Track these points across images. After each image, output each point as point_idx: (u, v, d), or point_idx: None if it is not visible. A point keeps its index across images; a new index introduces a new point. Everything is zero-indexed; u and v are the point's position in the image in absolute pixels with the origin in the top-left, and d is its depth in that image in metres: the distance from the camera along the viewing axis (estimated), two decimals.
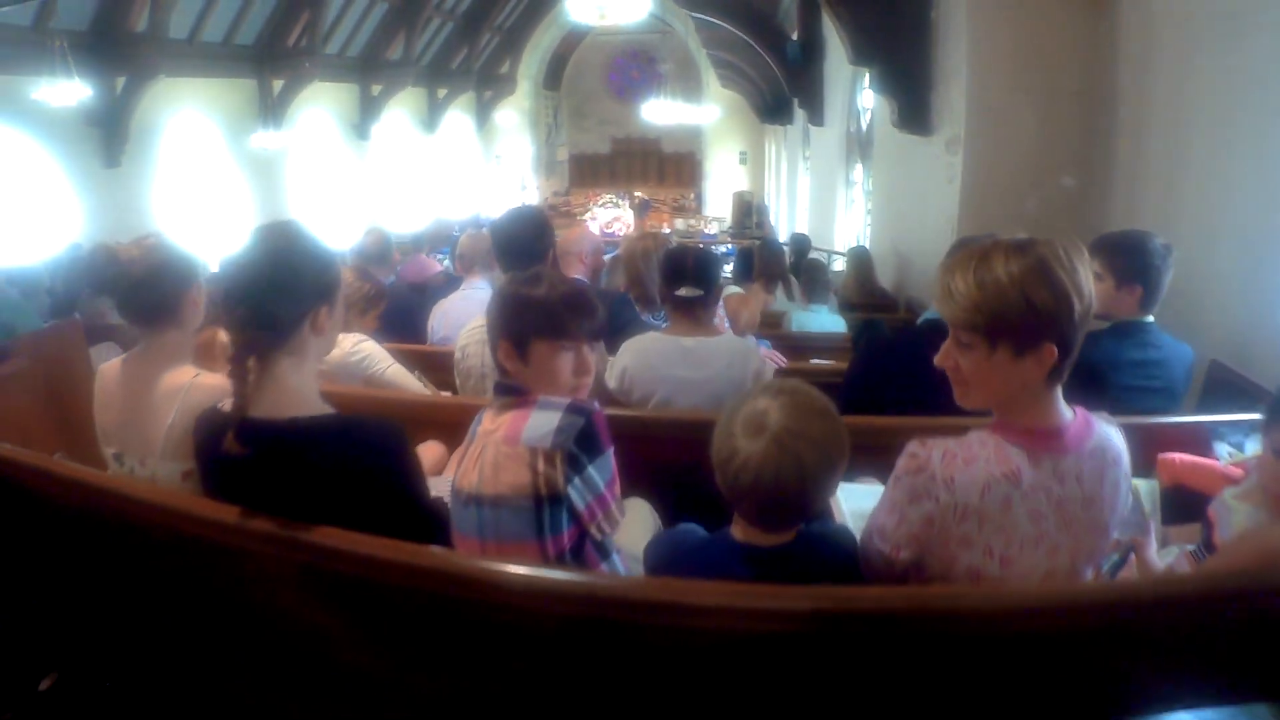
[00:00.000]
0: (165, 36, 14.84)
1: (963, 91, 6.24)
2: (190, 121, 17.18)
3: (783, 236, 18.95)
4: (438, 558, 1.83)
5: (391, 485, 1.99)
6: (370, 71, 21.71)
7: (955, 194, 6.45)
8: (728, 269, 8.27)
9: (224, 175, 18.18)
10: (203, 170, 17.59)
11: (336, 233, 19.60)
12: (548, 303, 2.07)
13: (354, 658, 1.98)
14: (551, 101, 32.11)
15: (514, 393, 2.06)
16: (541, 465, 1.90)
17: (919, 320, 3.55)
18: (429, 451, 3.05)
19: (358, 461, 1.92)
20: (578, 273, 4.47)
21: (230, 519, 1.92)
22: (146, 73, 14.74)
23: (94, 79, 13.39)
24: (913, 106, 7.24)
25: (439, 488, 2.39)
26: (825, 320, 6.69)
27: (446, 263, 15.54)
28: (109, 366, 2.46)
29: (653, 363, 3.20)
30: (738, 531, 1.89)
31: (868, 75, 8.27)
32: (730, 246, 16.74)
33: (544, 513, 1.92)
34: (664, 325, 3.59)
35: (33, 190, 14.03)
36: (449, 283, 6.06)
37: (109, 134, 14.99)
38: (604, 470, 1.99)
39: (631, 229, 23.90)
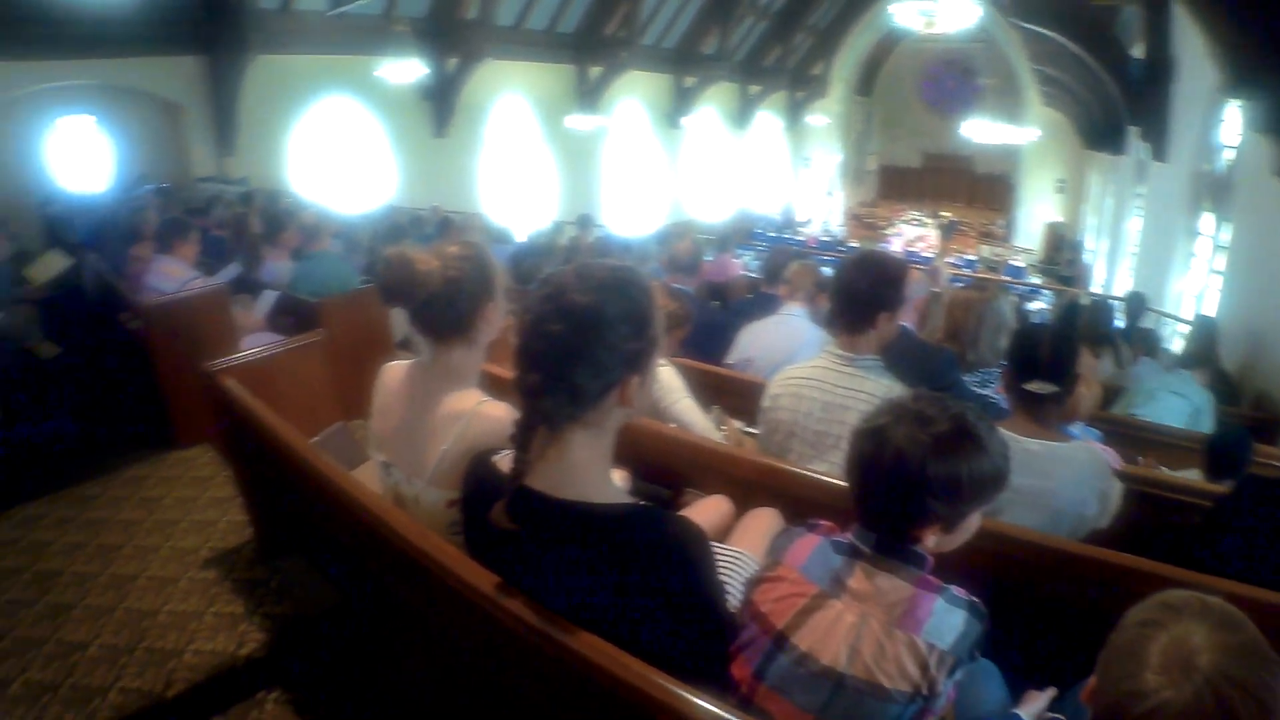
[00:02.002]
0: (493, 23, 16.25)
1: None
2: (512, 101, 18.54)
3: (1097, 281, 17.17)
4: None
5: (680, 597, 1.61)
6: (684, 63, 22.05)
7: None
8: None
9: (539, 154, 19.40)
10: (520, 147, 18.92)
11: (643, 219, 20.73)
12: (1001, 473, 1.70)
13: None
14: (864, 107, 30.74)
15: (912, 561, 1.68)
16: (934, 667, 1.58)
17: None
18: (714, 509, 2.62)
19: (648, 565, 1.58)
20: (909, 320, 3.98)
21: (485, 588, 1.74)
22: (475, 55, 16.19)
23: (429, 59, 14.93)
24: None
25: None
26: (1189, 395, 5.27)
27: (748, 258, 16.13)
28: (393, 369, 2.33)
29: None
30: None
31: (1238, 107, 6.90)
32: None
33: (908, 711, 1.59)
34: (990, 394, 3.15)
35: (366, 154, 16.10)
36: (756, 297, 5.76)
37: (439, 108, 16.83)
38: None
39: (937, 250, 22.83)
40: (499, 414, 2.05)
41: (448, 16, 15.52)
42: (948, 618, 1.60)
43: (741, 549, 2.26)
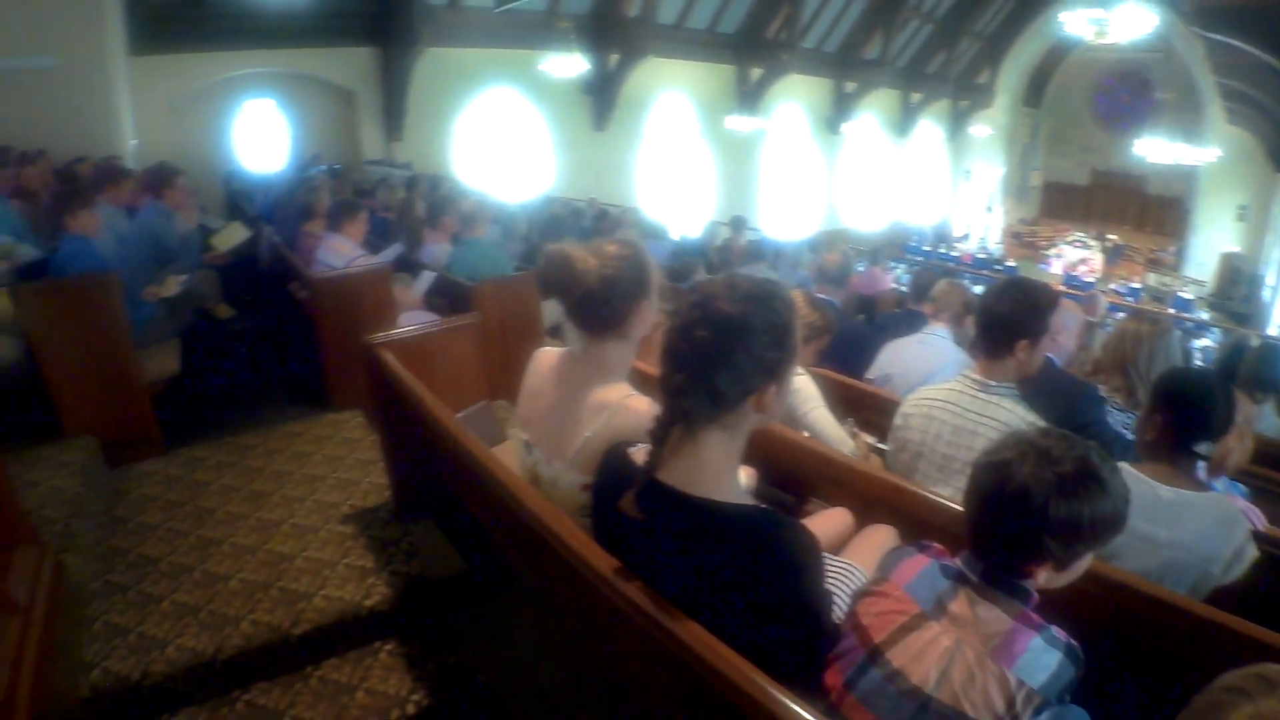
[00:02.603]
0: (655, 21, 16.48)
1: None
2: (672, 99, 18.81)
3: (1276, 322, 16.08)
4: None
5: (784, 601, 1.67)
6: (845, 68, 21.80)
7: None
8: None
9: (697, 153, 19.59)
10: (678, 145, 19.18)
11: (797, 224, 20.62)
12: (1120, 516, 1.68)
13: None
14: (1030, 119, 29.31)
15: (1017, 596, 1.67)
16: (1020, 704, 1.56)
17: None
18: (835, 520, 2.61)
19: (760, 567, 1.64)
20: (1054, 351, 3.81)
21: (605, 571, 1.81)
22: (637, 52, 16.50)
23: (591, 55, 15.59)
24: None
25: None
26: None
27: (899, 271, 15.87)
28: (546, 355, 2.42)
29: None
30: None
31: None
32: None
33: None
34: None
35: (526, 145, 16.72)
36: (902, 313, 5.66)
37: (600, 103, 17.35)
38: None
39: (1098, 274, 21.67)
40: (643, 408, 2.11)
41: (610, 13, 15.84)
42: (1043, 657, 1.59)
43: (854, 562, 2.26)
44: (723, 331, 1.62)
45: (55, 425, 4.25)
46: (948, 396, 2.91)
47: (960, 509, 1.80)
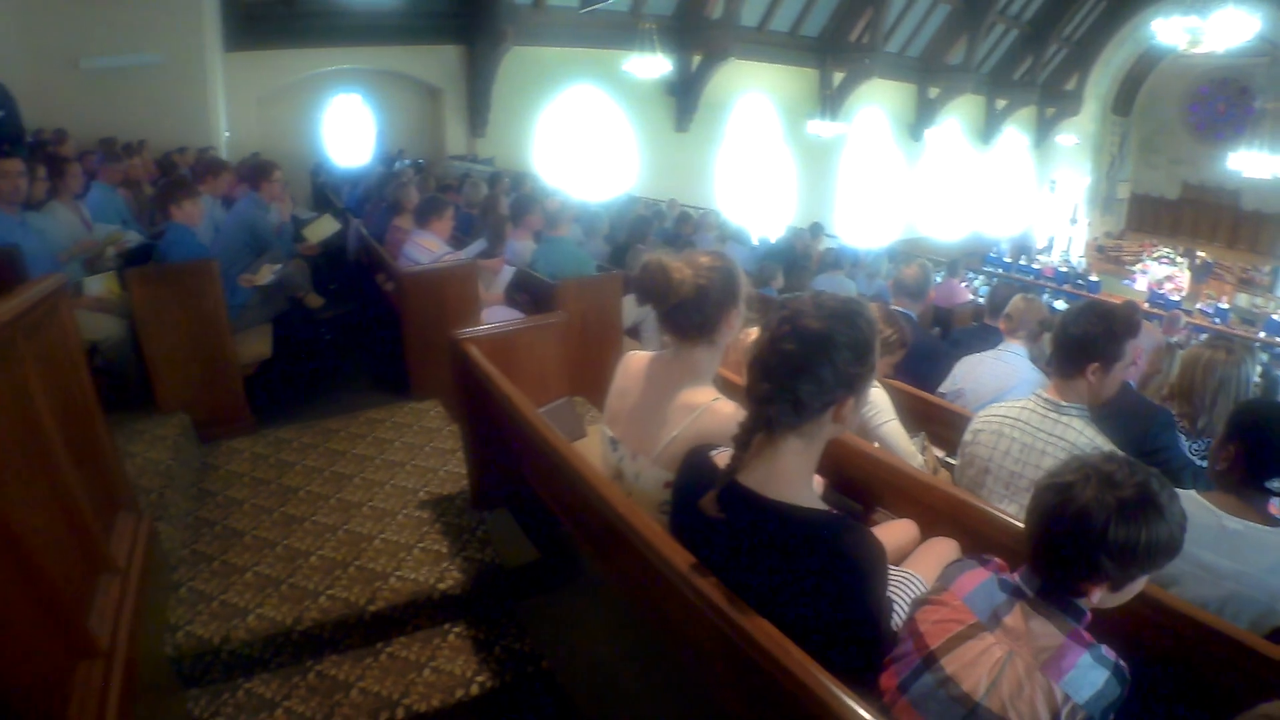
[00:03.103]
0: (737, 23, 16.51)
1: None
2: (753, 102, 18.79)
3: None
4: None
5: (847, 603, 1.75)
6: (929, 73, 21.54)
7: None
8: None
9: (778, 156, 19.55)
10: (759, 147, 19.15)
11: (876, 231, 20.42)
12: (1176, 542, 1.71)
13: None
14: (1119, 128, 28.23)
15: (1070, 613, 1.72)
16: (1064, 718, 1.60)
17: None
18: (900, 531, 2.64)
19: (827, 569, 1.73)
20: (1129, 375, 3.74)
21: (681, 565, 1.89)
22: (719, 54, 16.49)
23: (674, 56, 15.68)
24: None
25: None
26: None
27: (977, 283, 15.61)
28: (636, 357, 2.52)
29: None
30: None
31: None
32: None
33: None
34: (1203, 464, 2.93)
35: (608, 144, 16.99)
36: (978, 328, 5.60)
37: (682, 103, 17.44)
38: None
39: (1184, 293, 20.83)
40: (728, 412, 2.20)
41: (693, 15, 15.92)
42: (1090, 673, 1.62)
43: (916, 573, 2.31)
44: (808, 346, 1.72)
45: (152, 400, 4.50)
46: (1018, 415, 2.91)
47: (1023, 526, 1.84)
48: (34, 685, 1.88)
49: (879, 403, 3.45)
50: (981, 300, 9.29)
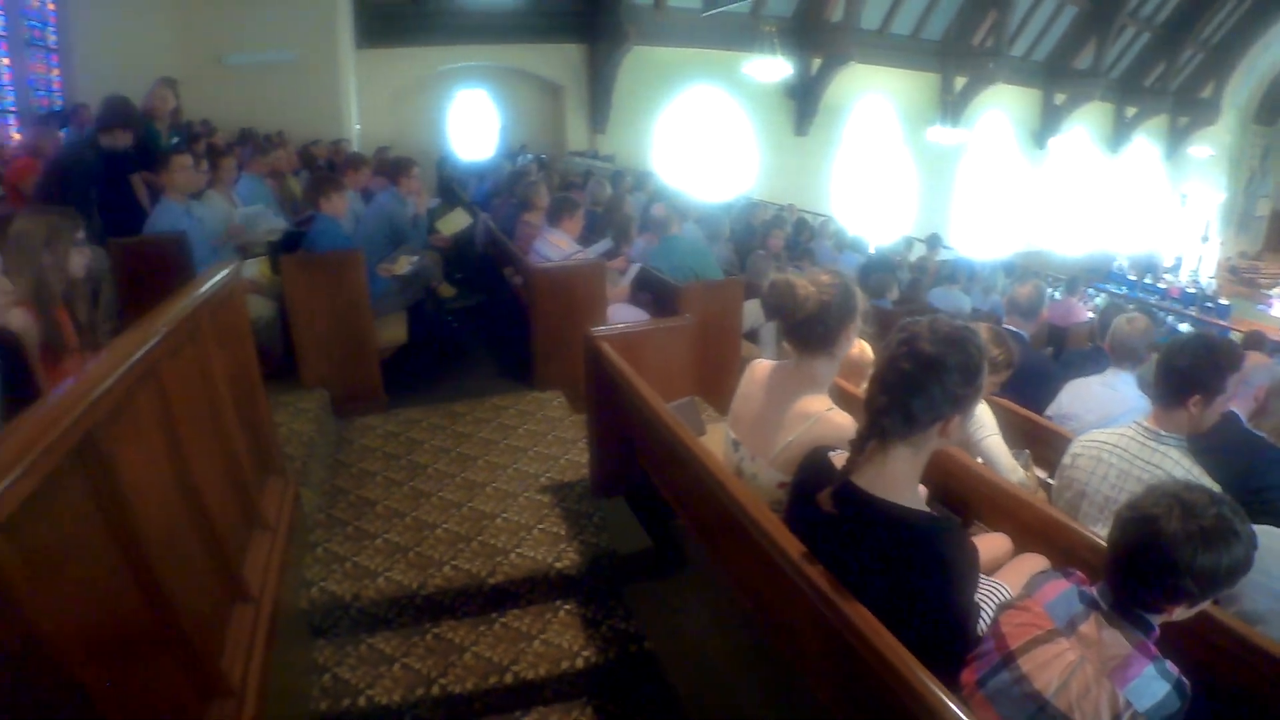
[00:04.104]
0: (858, 26, 16.37)
1: None
2: (873, 106, 18.59)
3: None
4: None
5: (944, 602, 1.94)
6: (1055, 78, 20.78)
7: None
8: None
9: (897, 160, 19.27)
10: (877, 153, 18.92)
11: (994, 242, 19.90)
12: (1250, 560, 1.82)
13: None
14: (1260, 140, 26.54)
15: (1140, 627, 1.84)
16: None
17: None
18: (996, 544, 2.74)
19: (924, 567, 1.92)
20: (1241, 408, 3.59)
21: (794, 554, 2.05)
22: (839, 57, 16.38)
23: (794, 59, 15.64)
24: None
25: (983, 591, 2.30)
26: None
27: (1098, 300, 15.01)
28: (760, 365, 2.70)
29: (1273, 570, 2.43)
30: None
31: None
32: None
33: None
34: None
35: (727, 145, 17.10)
36: (1090, 351, 5.47)
37: (801, 107, 17.41)
38: None
39: None
40: (842, 421, 2.39)
41: (813, 18, 15.86)
42: (1152, 684, 1.73)
43: (1005, 584, 2.41)
44: (922, 367, 1.88)
45: (295, 376, 4.88)
46: (1118, 441, 2.95)
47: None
48: (199, 622, 2.14)
49: (983, 419, 3.50)
50: (1098, 319, 9.02)
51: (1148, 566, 1.79)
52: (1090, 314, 9.92)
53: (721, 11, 15.03)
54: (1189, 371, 2.80)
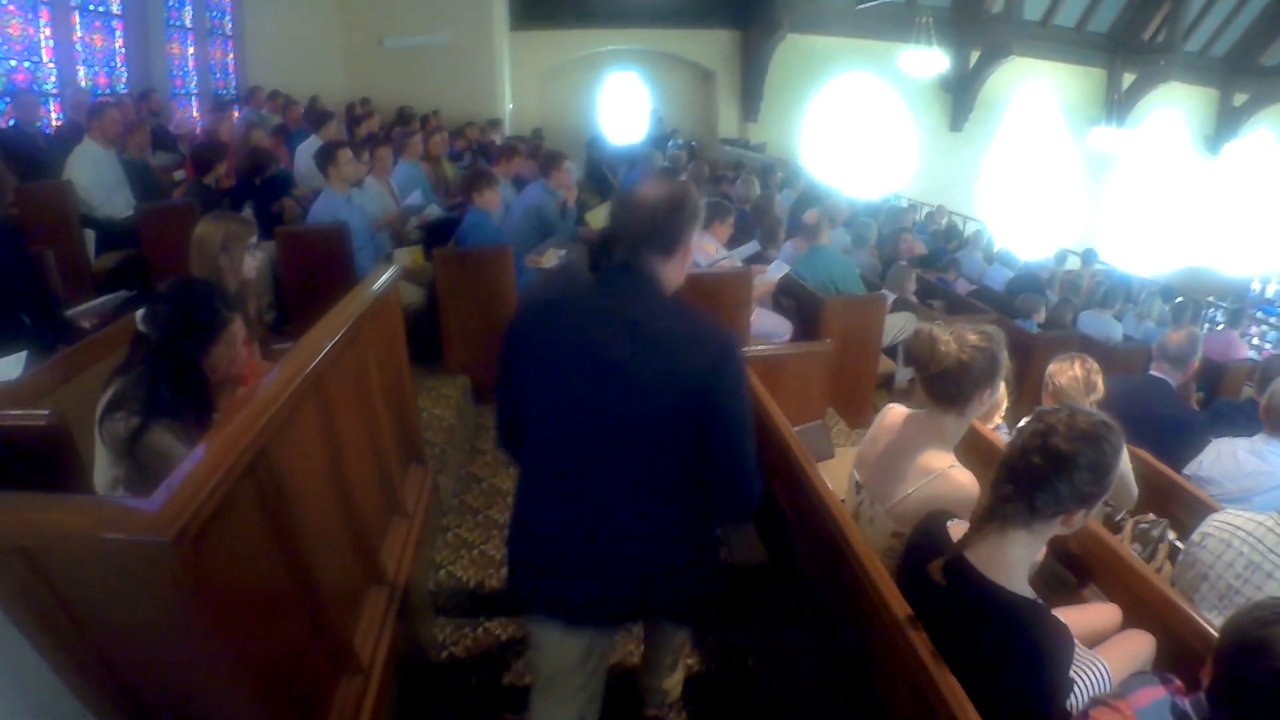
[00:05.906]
0: (1020, 18, 15.58)
1: None
2: (1033, 102, 17.69)
3: None
4: None
5: (1033, 683, 1.93)
6: (1235, 77, 18.83)
7: None
8: None
9: (1058, 160, 18.21)
10: (1038, 151, 18.00)
11: (1156, 257, 18.25)
12: None
13: None
14: None
15: None
16: None
17: None
18: (1103, 615, 2.66)
19: (1015, 649, 1.92)
20: None
21: (900, 615, 2.10)
22: (999, 50, 15.66)
23: (951, 51, 15.27)
24: None
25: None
26: None
27: (1270, 334, 13.66)
28: (894, 411, 2.70)
29: None
30: None
31: None
32: None
33: None
34: None
35: (880, 138, 16.80)
36: (1247, 404, 5.00)
37: (958, 101, 16.89)
38: None
39: None
40: (962, 481, 2.39)
41: (971, 8, 15.31)
42: None
43: (1105, 658, 2.37)
44: (1052, 463, 1.88)
45: (439, 361, 5.14)
46: (1253, 530, 2.75)
47: None
48: (339, 603, 2.33)
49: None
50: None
51: (1252, 693, 1.69)
52: (1252, 351, 9.09)
53: (877, 4, 14.70)
54: None
